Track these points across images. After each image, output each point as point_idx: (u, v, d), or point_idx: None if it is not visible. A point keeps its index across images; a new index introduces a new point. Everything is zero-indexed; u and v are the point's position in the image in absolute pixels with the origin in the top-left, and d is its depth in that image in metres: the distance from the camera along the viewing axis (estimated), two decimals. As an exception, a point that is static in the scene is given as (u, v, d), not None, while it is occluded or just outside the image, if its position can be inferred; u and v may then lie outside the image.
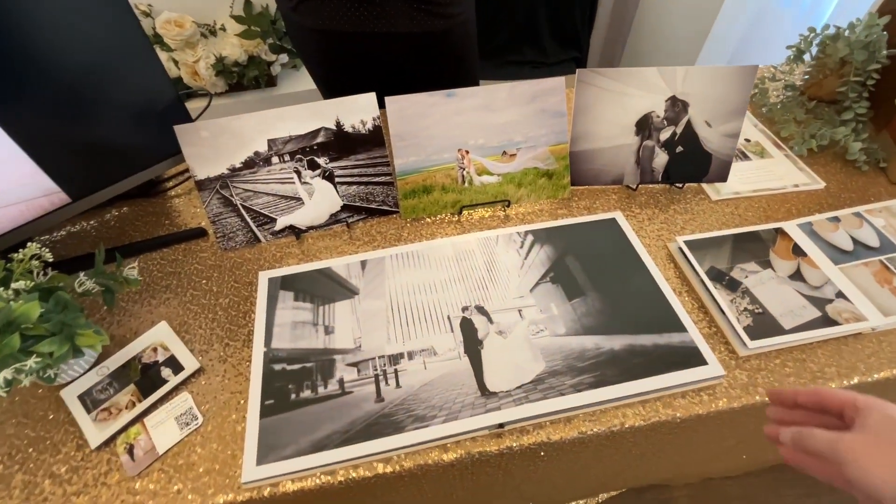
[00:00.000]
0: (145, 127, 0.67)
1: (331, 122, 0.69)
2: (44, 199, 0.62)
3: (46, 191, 0.62)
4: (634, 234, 0.71)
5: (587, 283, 0.65)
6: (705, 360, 0.56)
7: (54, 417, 0.55)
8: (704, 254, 0.67)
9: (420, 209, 0.75)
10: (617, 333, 0.59)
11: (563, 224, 0.73)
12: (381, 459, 0.51)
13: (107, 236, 0.76)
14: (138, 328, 0.63)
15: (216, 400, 0.56)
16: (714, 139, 0.75)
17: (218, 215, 0.70)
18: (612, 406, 0.55)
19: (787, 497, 1.17)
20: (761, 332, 0.59)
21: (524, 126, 0.74)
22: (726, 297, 0.62)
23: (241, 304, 0.66)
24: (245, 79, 1.44)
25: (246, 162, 0.68)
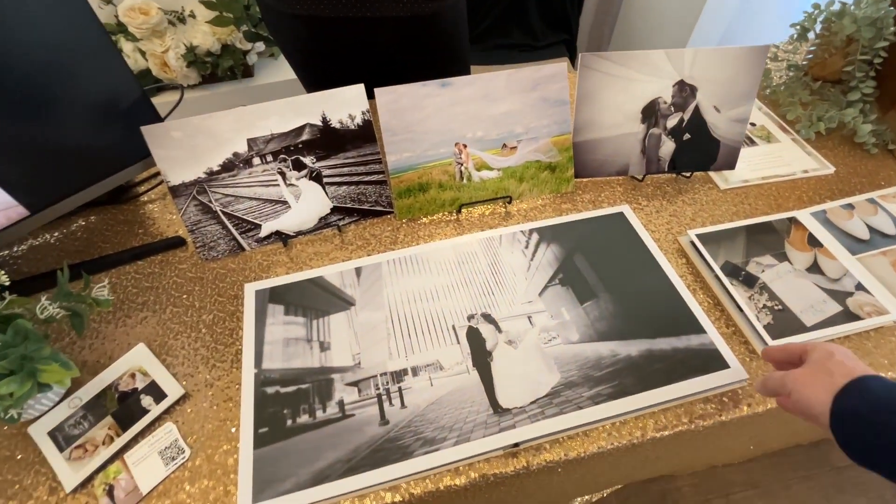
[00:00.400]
0: (108, 128, 0.60)
1: (316, 118, 0.63)
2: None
3: (1, 204, 0.55)
4: (644, 229, 0.68)
5: (598, 284, 0.61)
6: (727, 363, 0.53)
7: (22, 458, 0.50)
8: (718, 247, 0.64)
9: (416, 209, 0.70)
10: (633, 338, 0.56)
11: (569, 220, 0.69)
12: (388, 488, 0.47)
13: (73, 249, 0.70)
14: (113, 352, 0.58)
15: (204, 430, 0.52)
16: (722, 125, 0.72)
17: (196, 223, 0.64)
18: (633, 417, 0.52)
19: (789, 480, 1.17)
20: (782, 330, 0.56)
21: (525, 116, 0.69)
22: (744, 293, 0.59)
23: (227, 319, 0.61)
24: (219, 69, 1.35)
25: (224, 164, 0.62)
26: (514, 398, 0.51)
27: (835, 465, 1.18)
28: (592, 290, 0.60)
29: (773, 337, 0.55)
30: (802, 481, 1.17)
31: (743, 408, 0.52)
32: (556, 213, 0.72)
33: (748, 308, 0.58)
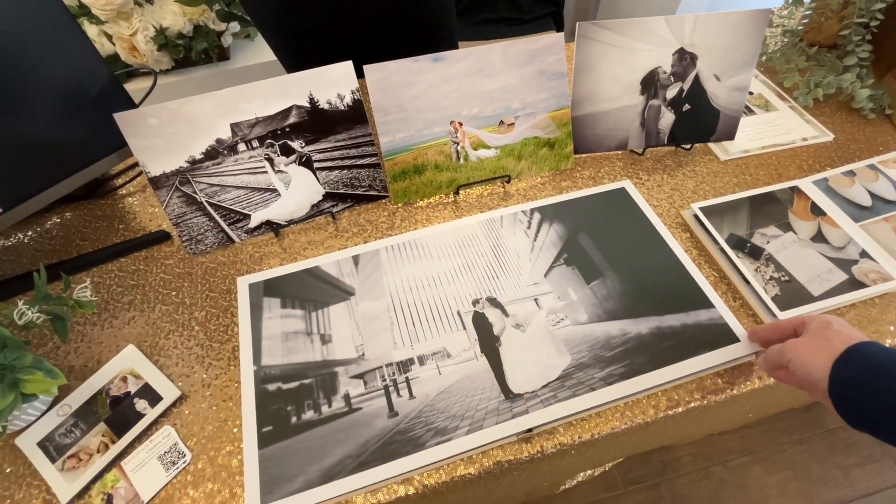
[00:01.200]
0: (79, 117, 0.56)
1: (303, 99, 0.59)
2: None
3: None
4: (646, 204, 0.66)
5: (603, 262, 0.59)
6: (736, 336, 0.53)
7: (11, 471, 0.47)
8: (721, 220, 0.63)
9: (412, 192, 0.67)
10: (642, 316, 0.54)
11: (571, 198, 0.67)
12: (401, 481, 0.46)
13: (49, 249, 0.66)
14: (101, 356, 0.55)
15: (204, 431, 0.49)
16: (722, 94, 0.70)
17: (181, 216, 0.61)
18: (645, 395, 0.51)
19: (783, 444, 1.20)
20: (790, 301, 0.55)
21: (522, 91, 0.66)
22: (750, 266, 0.59)
23: (221, 316, 0.58)
24: (193, 53, 1.28)
25: (207, 152, 0.59)
26: (526, 383, 0.50)
27: (827, 427, 1.22)
28: (598, 269, 0.59)
29: (781, 308, 0.55)
30: (796, 444, 1.20)
31: (754, 381, 0.52)
32: (556, 192, 0.70)
33: (755, 280, 0.57)
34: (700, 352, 0.52)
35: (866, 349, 0.39)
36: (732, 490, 1.13)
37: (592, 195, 0.67)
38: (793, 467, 1.16)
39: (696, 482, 1.14)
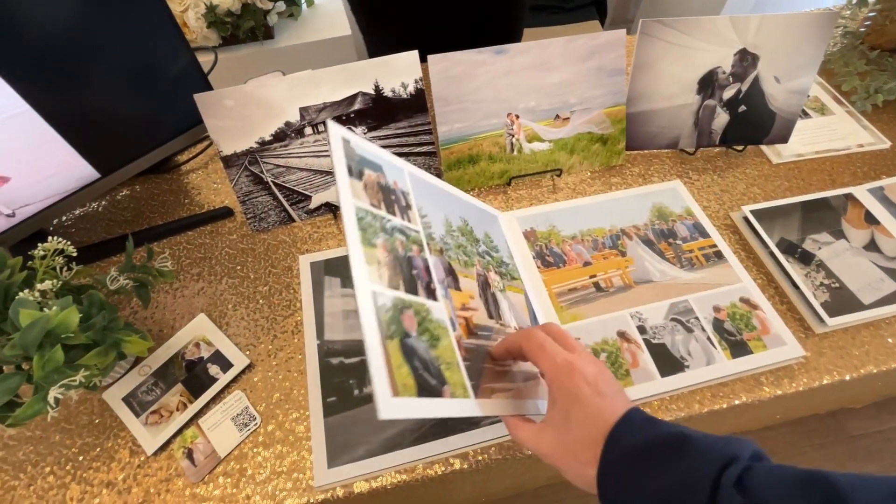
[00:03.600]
0: (164, 94, 0.59)
1: (369, 86, 0.61)
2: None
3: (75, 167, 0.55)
4: (697, 205, 0.67)
5: (653, 259, 0.61)
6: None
7: (100, 422, 0.52)
8: (772, 224, 0.64)
9: (465, 181, 0.69)
10: (691, 314, 0.56)
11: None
12: (456, 455, 0.49)
13: (120, 219, 0.70)
14: (174, 322, 0.59)
15: (272, 398, 0.53)
16: (780, 96, 0.69)
17: (248, 194, 0.64)
18: (689, 390, 0.53)
19: (804, 447, 1.21)
20: (840, 307, 0.56)
21: (579, 86, 0.67)
22: (800, 271, 0.59)
23: (283, 291, 0.61)
24: (240, 31, 1.31)
25: (276, 134, 0.61)
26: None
27: (850, 433, 1.22)
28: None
29: (831, 315, 0.56)
30: (817, 449, 1.20)
31: (799, 383, 0.53)
32: (605, 188, 0.71)
33: (805, 286, 0.58)
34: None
35: (621, 440, 0.33)
36: (750, 488, 1.14)
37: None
38: (813, 470, 1.17)
39: (714, 478, 1.16)
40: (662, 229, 0.64)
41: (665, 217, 0.65)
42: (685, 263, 0.61)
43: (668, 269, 0.60)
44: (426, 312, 0.39)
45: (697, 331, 0.55)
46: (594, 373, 0.36)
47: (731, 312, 0.56)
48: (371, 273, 0.36)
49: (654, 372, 0.52)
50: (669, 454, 0.31)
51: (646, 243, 0.62)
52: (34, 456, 0.50)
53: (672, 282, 0.59)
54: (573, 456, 0.35)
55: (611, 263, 0.60)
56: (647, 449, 0.32)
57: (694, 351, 0.53)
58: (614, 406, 0.35)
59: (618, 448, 0.33)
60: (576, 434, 0.35)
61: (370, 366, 0.32)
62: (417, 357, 0.36)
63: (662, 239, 0.63)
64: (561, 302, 0.57)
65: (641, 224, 0.64)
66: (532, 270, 0.60)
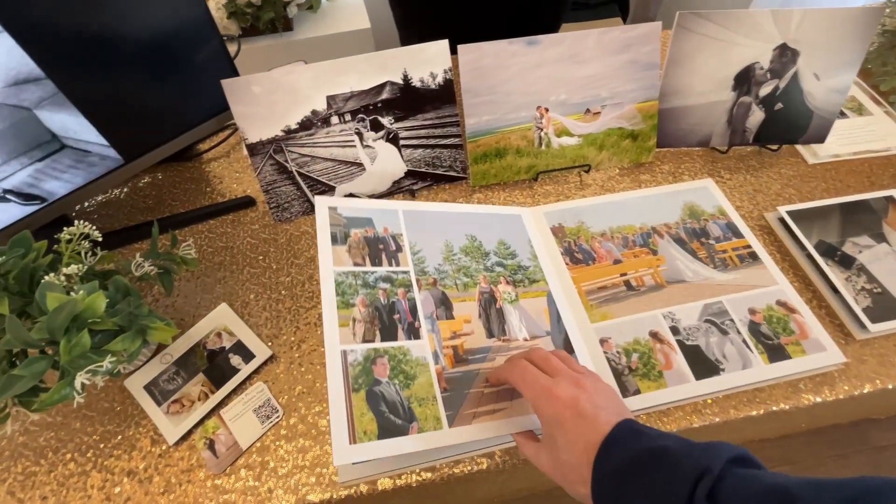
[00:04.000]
0: (190, 80, 0.58)
1: (397, 76, 0.60)
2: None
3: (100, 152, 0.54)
4: (730, 204, 0.65)
5: (686, 259, 0.59)
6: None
7: (121, 410, 0.51)
8: (810, 226, 0.61)
9: (491, 175, 0.68)
10: (726, 316, 0.54)
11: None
12: (483, 455, 0.48)
13: (142, 206, 0.69)
14: (195, 311, 0.58)
15: (294, 390, 0.52)
16: (819, 95, 0.67)
17: (271, 183, 0.63)
18: (724, 395, 0.51)
19: (824, 457, 1.18)
20: (882, 313, 0.54)
21: (611, 80, 0.65)
22: (840, 275, 0.57)
23: (306, 283, 0.60)
24: (260, 22, 1.30)
25: (302, 122, 0.60)
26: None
27: (873, 444, 1.19)
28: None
29: (873, 321, 0.53)
30: (838, 459, 1.18)
31: (839, 391, 0.51)
32: (633, 185, 0.69)
33: (845, 290, 0.56)
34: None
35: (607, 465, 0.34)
36: (769, 497, 1.12)
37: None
38: (833, 481, 1.14)
39: (731, 486, 1.14)
40: (694, 228, 0.62)
41: (697, 216, 0.63)
42: (718, 264, 0.59)
43: (700, 268, 0.58)
44: (403, 354, 0.45)
45: (733, 333, 0.53)
46: (573, 395, 0.37)
47: (767, 315, 0.54)
48: (343, 334, 0.44)
49: (688, 374, 0.50)
50: (650, 470, 0.32)
51: (677, 242, 0.61)
52: (55, 442, 0.49)
53: (705, 282, 0.57)
54: (565, 477, 0.36)
55: (642, 262, 0.59)
56: (631, 465, 0.33)
57: (729, 354, 0.51)
58: (597, 425, 0.35)
59: (606, 468, 0.34)
60: (564, 457, 0.36)
61: (331, 418, 0.40)
62: (385, 401, 0.42)
63: (694, 238, 0.61)
64: (591, 300, 0.56)
65: (672, 222, 0.62)
66: (560, 267, 0.58)
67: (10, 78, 0.43)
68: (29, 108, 0.44)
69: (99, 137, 0.51)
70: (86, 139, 0.49)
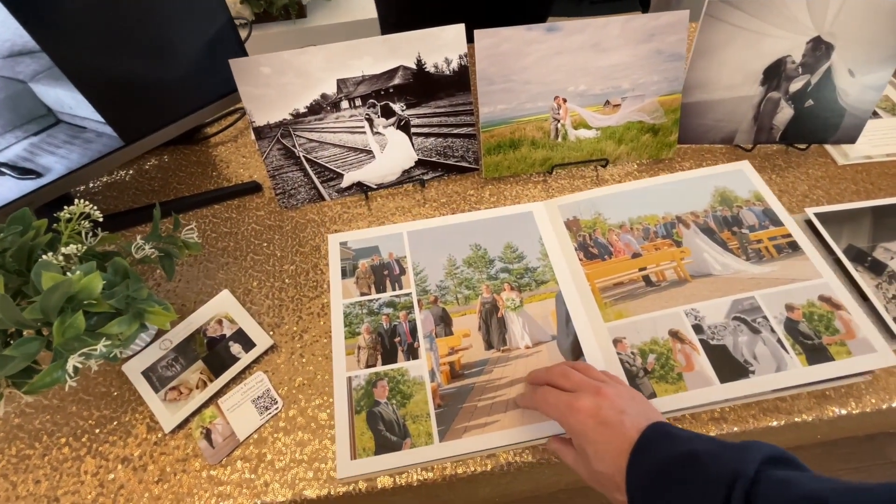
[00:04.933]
0: (195, 59, 0.56)
1: (411, 60, 0.58)
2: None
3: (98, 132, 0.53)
4: (768, 189, 0.62)
5: (707, 260, 0.56)
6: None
7: (118, 395, 0.50)
8: (839, 229, 0.58)
9: (504, 167, 0.65)
10: (748, 321, 0.51)
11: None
12: (488, 456, 0.46)
13: (147, 188, 0.68)
14: (197, 297, 0.57)
15: (294, 382, 0.51)
16: (853, 92, 0.64)
17: (278, 169, 0.61)
18: (743, 404, 0.48)
19: (838, 470, 1.15)
20: (915, 324, 0.51)
21: (634, 70, 0.62)
22: (870, 281, 0.54)
23: (311, 271, 0.59)
24: (274, 8, 1.29)
25: (311, 106, 0.58)
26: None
27: (889, 458, 1.15)
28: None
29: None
30: (852, 473, 1.14)
31: (866, 405, 0.49)
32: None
33: (875, 298, 0.53)
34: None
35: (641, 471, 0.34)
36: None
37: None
38: (846, 495, 1.11)
39: (739, 495, 1.11)
40: (725, 216, 0.59)
41: (729, 202, 0.60)
42: (752, 255, 0.56)
43: (731, 261, 0.55)
44: (401, 375, 0.48)
45: (766, 332, 0.50)
46: (593, 404, 0.37)
47: (807, 312, 0.51)
48: (349, 362, 0.49)
49: (711, 377, 0.47)
50: (682, 476, 0.32)
51: (705, 232, 0.58)
52: (50, 425, 0.48)
53: (735, 276, 0.54)
54: (603, 486, 0.37)
55: (664, 255, 0.56)
56: (662, 473, 0.33)
57: (761, 355, 0.48)
58: (623, 431, 0.35)
59: (638, 476, 0.33)
60: (597, 467, 0.36)
61: (336, 436, 0.45)
62: (382, 421, 0.46)
63: (725, 227, 0.58)
64: (605, 298, 0.53)
65: (701, 210, 0.59)
66: (573, 264, 0.56)
67: (5, 50, 0.41)
68: (24, 81, 0.43)
69: (94, 113, 0.49)
70: (81, 115, 0.48)
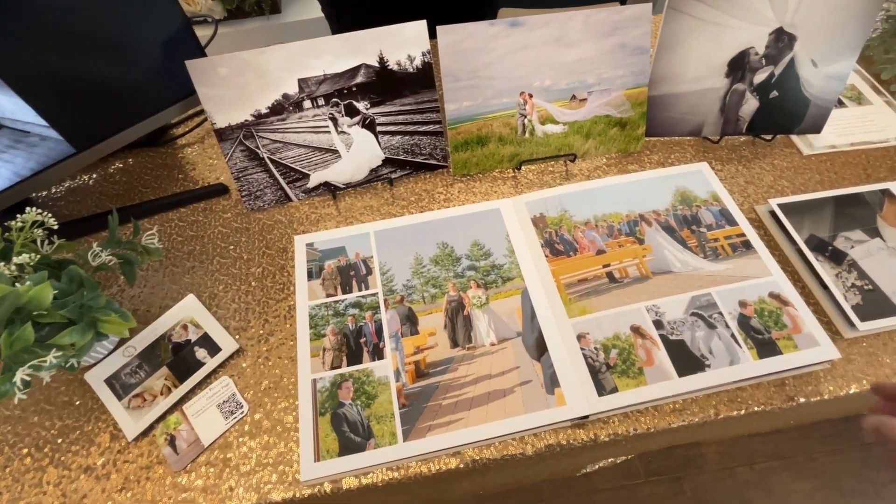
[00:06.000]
0: (151, 62, 0.55)
1: (373, 58, 0.57)
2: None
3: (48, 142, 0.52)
4: (724, 189, 0.62)
5: (671, 253, 0.57)
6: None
7: (81, 404, 0.50)
8: (802, 219, 0.59)
9: (472, 164, 0.65)
10: (710, 313, 0.52)
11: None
12: (452, 454, 0.46)
13: (112, 192, 0.67)
14: (162, 302, 0.56)
15: (260, 385, 0.50)
16: (817, 82, 0.64)
17: (242, 171, 0.60)
18: (704, 394, 0.49)
19: (815, 452, 1.17)
20: (873, 311, 0.52)
21: (599, 64, 0.62)
22: (830, 270, 0.55)
23: (277, 274, 0.58)
24: (246, 4, 1.26)
25: (273, 107, 0.58)
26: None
27: (865, 440, 1.18)
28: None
29: (862, 318, 0.51)
30: (829, 455, 1.17)
31: (823, 390, 0.50)
32: (620, 174, 0.66)
33: (835, 287, 0.54)
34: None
35: None
36: (757, 492, 1.11)
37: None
38: (822, 477, 1.13)
39: (719, 480, 1.13)
40: (685, 215, 0.60)
41: (689, 202, 0.61)
42: (709, 253, 0.56)
43: (689, 258, 0.56)
44: (366, 376, 0.48)
45: (721, 327, 0.51)
46: None
47: (758, 308, 0.52)
48: (314, 364, 0.49)
49: (670, 371, 0.48)
50: None
51: (666, 230, 0.58)
52: (11, 436, 0.48)
53: (694, 273, 0.55)
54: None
55: (627, 252, 0.56)
56: None
57: (716, 349, 0.49)
58: None
59: None
60: None
61: (300, 438, 0.45)
62: (347, 422, 0.46)
63: (685, 226, 0.59)
64: (570, 294, 0.53)
65: (662, 209, 0.60)
66: (539, 261, 0.56)
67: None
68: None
69: (37, 118, 0.48)
70: (23, 119, 0.47)
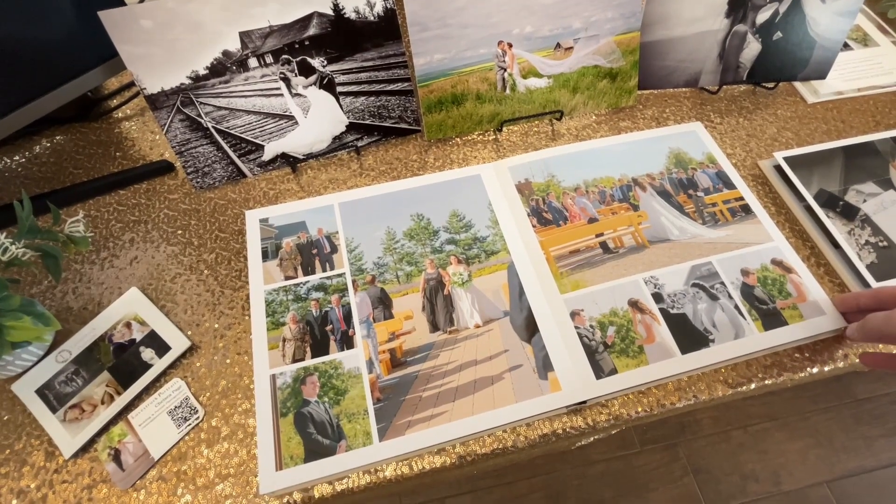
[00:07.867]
0: (60, 17, 0.47)
1: (326, 6, 0.49)
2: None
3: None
4: (720, 150, 0.57)
5: (670, 216, 0.51)
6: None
7: (9, 419, 0.43)
8: (809, 173, 0.54)
9: (448, 126, 0.58)
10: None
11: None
12: (434, 451, 0.41)
13: (39, 176, 0.59)
14: (101, 298, 0.49)
15: (217, 386, 0.45)
16: (824, 20, 0.58)
17: (184, 144, 0.53)
18: (712, 370, 0.45)
19: (808, 412, 1.17)
20: (888, 270, 0.48)
21: (585, 7, 0.55)
22: (842, 227, 0.50)
23: (233, 259, 0.52)
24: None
25: (213, 67, 0.50)
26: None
27: (856, 397, 1.18)
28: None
29: (878, 278, 0.47)
30: (822, 413, 1.16)
31: (838, 360, 0.45)
32: (613, 133, 0.60)
33: (848, 245, 0.49)
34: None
35: None
36: (751, 454, 1.11)
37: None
38: (815, 435, 1.13)
39: (714, 445, 1.12)
40: (681, 178, 0.54)
41: (684, 165, 0.55)
42: (707, 219, 0.51)
43: (688, 225, 0.51)
44: (334, 369, 0.43)
45: (724, 298, 0.46)
46: None
47: (761, 276, 0.48)
48: (273, 357, 0.43)
49: (672, 348, 0.43)
50: None
51: (662, 195, 0.53)
52: (-72, 461, 0.41)
53: (693, 240, 0.50)
54: None
55: (621, 219, 0.51)
56: None
57: (720, 322, 0.45)
58: None
59: None
60: None
61: (258, 443, 0.39)
62: (313, 422, 0.40)
63: (681, 190, 0.53)
64: (561, 267, 0.48)
65: (657, 173, 0.55)
66: (525, 231, 0.50)
67: None
68: None
69: None
70: None
